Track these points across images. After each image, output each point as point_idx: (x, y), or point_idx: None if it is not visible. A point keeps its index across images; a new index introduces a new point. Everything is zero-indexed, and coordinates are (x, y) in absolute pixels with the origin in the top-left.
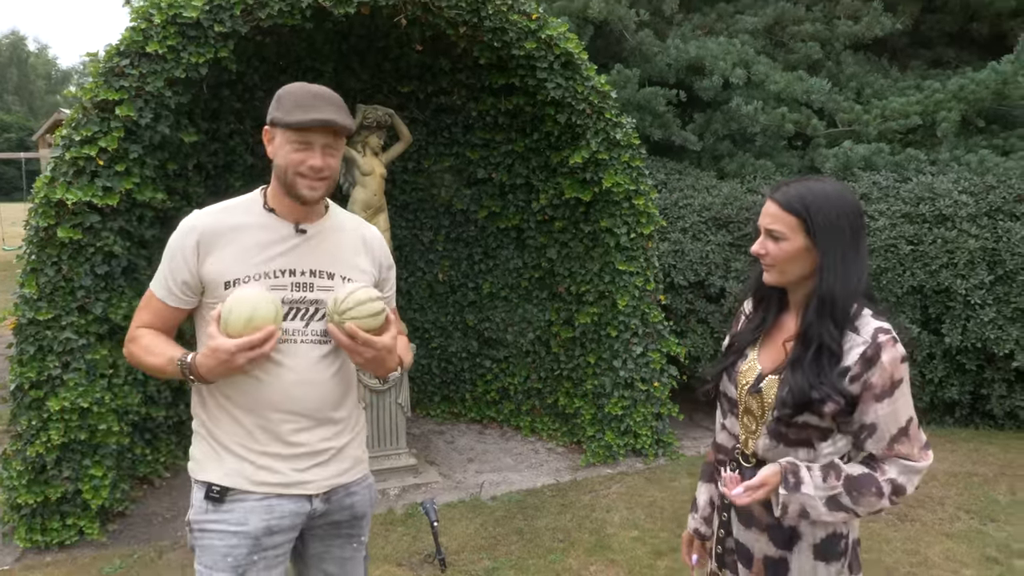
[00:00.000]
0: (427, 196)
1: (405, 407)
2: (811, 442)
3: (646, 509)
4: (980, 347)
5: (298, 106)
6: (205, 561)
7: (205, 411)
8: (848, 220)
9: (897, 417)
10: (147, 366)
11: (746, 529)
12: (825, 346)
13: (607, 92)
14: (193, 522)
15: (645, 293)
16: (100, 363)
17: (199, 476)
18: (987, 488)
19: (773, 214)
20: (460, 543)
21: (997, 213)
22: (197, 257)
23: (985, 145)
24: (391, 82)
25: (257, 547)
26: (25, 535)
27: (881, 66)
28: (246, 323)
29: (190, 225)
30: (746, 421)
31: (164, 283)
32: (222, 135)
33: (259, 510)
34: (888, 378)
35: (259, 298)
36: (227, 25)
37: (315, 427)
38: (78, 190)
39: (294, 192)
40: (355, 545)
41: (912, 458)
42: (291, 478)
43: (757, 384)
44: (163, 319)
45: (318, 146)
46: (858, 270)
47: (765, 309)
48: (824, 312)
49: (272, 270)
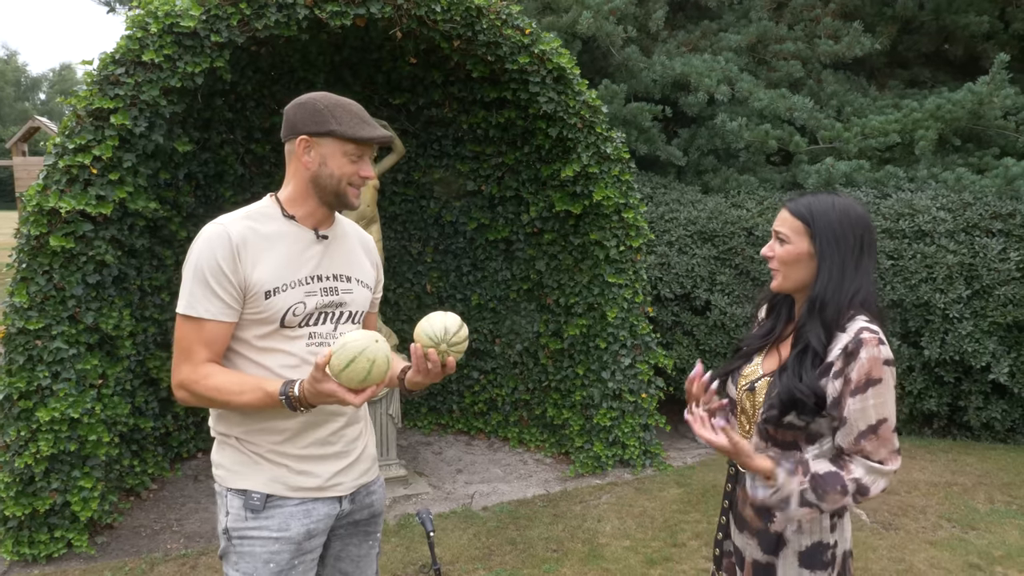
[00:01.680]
0: (416, 208)
1: (396, 418)
2: (798, 444)
3: (637, 519)
4: (958, 360)
5: (362, 121)
6: (244, 568)
7: (236, 422)
8: (854, 232)
9: (867, 415)
10: (229, 403)
11: (740, 533)
12: (810, 347)
13: (598, 107)
14: (232, 530)
15: (634, 305)
16: (90, 373)
17: (234, 484)
18: (967, 497)
19: (782, 218)
20: (454, 553)
21: (974, 229)
22: (240, 263)
23: (961, 163)
24: (383, 94)
25: (298, 552)
26: (12, 548)
27: (860, 85)
28: (360, 383)
29: (221, 234)
30: (741, 420)
31: (214, 299)
32: (213, 145)
33: (299, 515)
34: (865, 374)
35: (372, 354)
36: (223, 35)
37: (348, 425)
38: (71, 198)
39: (343, 201)
40: (371, 543)
41: (879, 459)
42: (326, 480)
43: (752, 384)
44: (219, 345)
45: (367, 158)
46: (858, 282)
47: (775, 318)
48: (813, 313)
49: (304, 276)
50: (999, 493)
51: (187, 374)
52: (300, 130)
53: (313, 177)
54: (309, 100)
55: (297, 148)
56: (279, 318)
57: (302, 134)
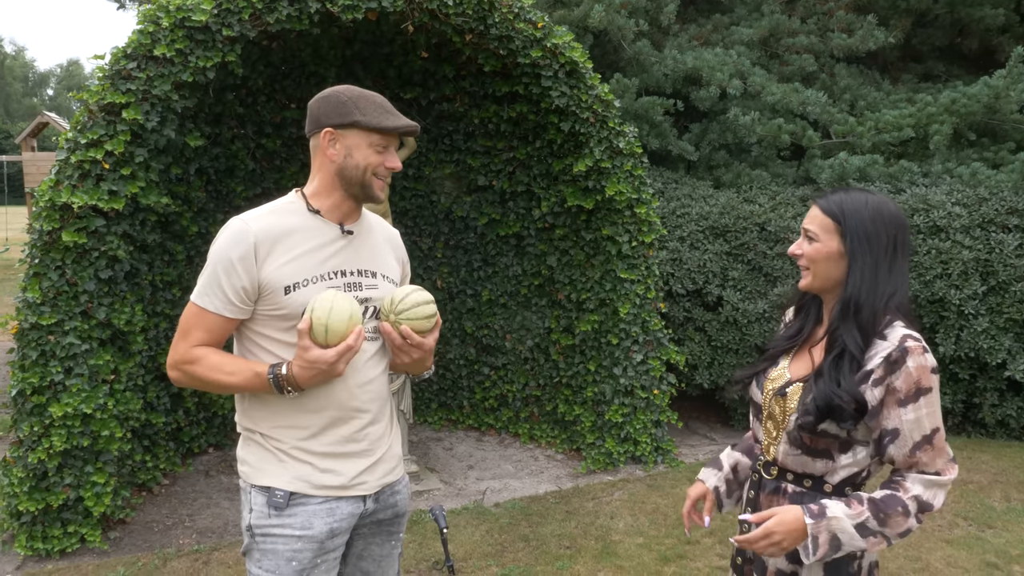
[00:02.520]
0: (427, 203)
1: (407, 414)
2: (830, 453)
3: (649, 516)
4: (973, 356)
5: (386, 111)
6: (267, 566)
7: (257, 418)
8: (887, 231)
9: (922, 425)
10: (220, 385)
11: None
12: (847, 351)
13: (611, 101)
14: (255, 527)
15: (646, 301)
16: (103, 369)
17: (258, 481)
18: (982, 495)
19: (812, 216)
20: (467, 550)
21: (990, 225)
22: (256, 262)
23: (976, 158)
24: (394, 88)
25: (321, 550)
26: (26, 543)
27: (874, 79)
28: (347, 327)
29: (241, 230)
30: (768, 426)
31: (219, 295)
32: (224, 139)
33: (322, 513)
34: (914, 384)
35: (347, 300)
36: (235, 29)
37: (373, 423)
38: (83, 194)
39: (369, 192)
40: (393, 543)
41: (936, 470)
42: (350, 479)
43: (783, 389)
44: (217, 335)
45: (392, 149)
46: (892, 284)
47: (803, 319)
48: (848, 316)
49: (327, 272)
50: (1015, 491)
51: (182, 353)
52: (324, 123)
53: (339, 170)
54: (332, 93)
55: (322, 141)
56: (300, 313)
57: (327, 127)
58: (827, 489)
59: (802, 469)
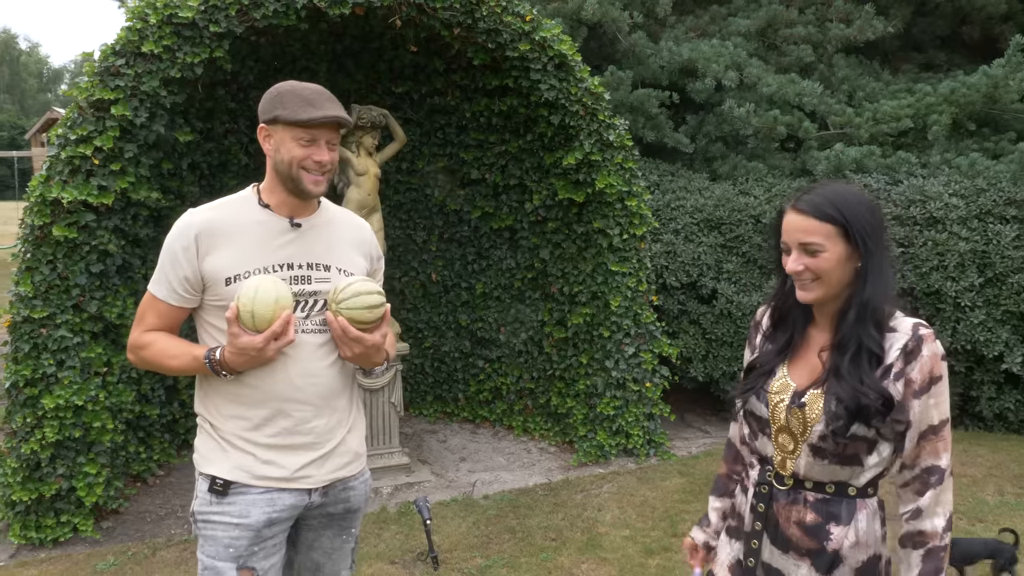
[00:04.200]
0: (421, 196)
1: (398, 406)
2: (859, 457)
3: (638, 508)
4: (970, 349)
5: (307, 103)
6: (208, 551)
7: (210, 406)
8: (880, 221)
9: (930, 414)
10: (166, 368)
11: (784, 555)
12: (864, 348)
13: (600, 94)
14: (197, 513)
15: (637, 294)
16: (95, 361)
17: (203, 469)
18: (975, 489)
19: (806, 227)
20: (453, 541)
21: (987, 216)
22: (197, 254)
23: (976, 148)
24: (385, 82)
25: (257, 539)
26: (20, 532)
27: (873, 69)
28: (274, 311)
29: (187, 223)
30: (781, 440)
31: (166, 284)
32: (216, 134)
33: (261, 503)
34: (928, 373)
35: (272, 284)
36: (222, 25)
37: (319, 416)
38: (73, 189)
39: (299, 187)
40: (345, 537)
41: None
42: (293, 472)
43: (798, 400)
44: (168, 320)
45: (322, 142)
46: (892, 272)
47: (792, 326)
48: (865, 318)
49: (271, 264)
50: (1010, 485)
51: (135, 337)
52: (260, 119)
53: (274, 164)
54: (272, 88)
55: (259, 136)
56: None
57: (261, 122)
58: (851, 493)
59: (828, 478)
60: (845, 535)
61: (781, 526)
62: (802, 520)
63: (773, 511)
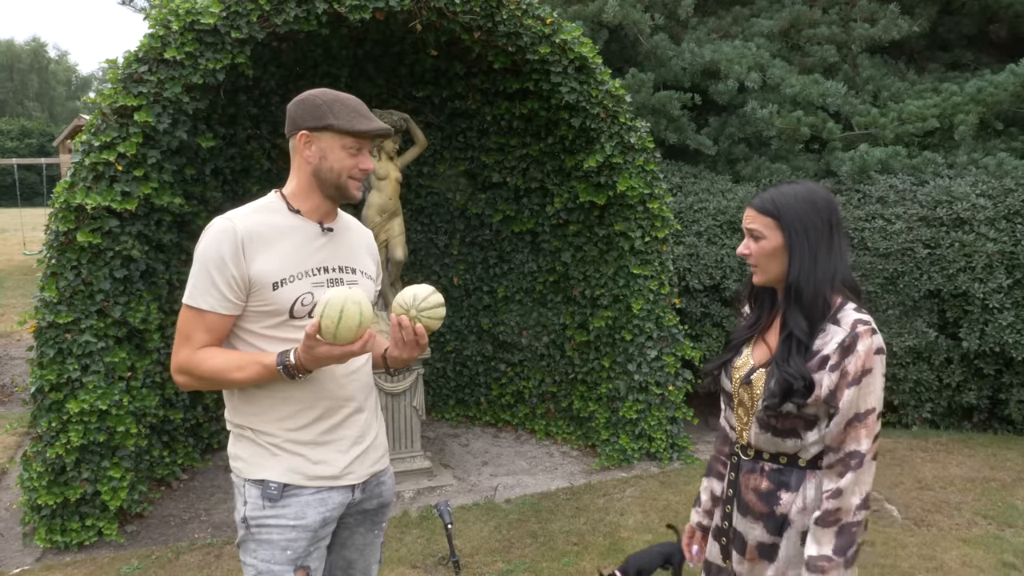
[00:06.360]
0: (442, 200)
1: (420, 410)
2: (797, 432)
3: (660, 513)
4: (998, 351)
5: (358, 114)
6: (262, 556)
7: (247, 414)
8: (820, 216)
9: (857, 403)
10: (229, 382)
11: (743, 518)
12: (793, 335)
13: (621, 96)
14: (251, 518)
15: (660, 297)
16: (119, 366)
17: (251, 475)
18: (1005, 494)
19: (752, 217)
20: (474, 545)
21: (1015, 216)
22: (244, 258)
23: (1004, 148)
24: (406, 86)
25: (314, 539)
26: (45, 535)
27: (898, 69)
28: (356, 333)
29: (229, 229)
30: (740, 413)
31: (215, 293)
32: (239, 140)
33: (314, 503)
34: (860, 366)
35: (355, 307)
36: (244, 31)
37: (360, 413)
38: (97, 195)
39: (345, 193)
40: (376, 532)
41: (862, 448)
42: (341, 469)
43: (748, 377)
44: (218, 334)
45: (366, 151)
46: (832, 264)
47: (759, 308)
48: (790, 302)
49: (311, 268)
50: None
51: (186, 357)
52: (300, 126)
53: (315, 171)
54: (309, 96)
55: (298, 143)
56: (287, 309)
57: (302, 129)
58: (801, 464)
59: (775, 449)
60: (793, 500)
61: (742, 492)
62: (758, 487)
63: (739, 479)
